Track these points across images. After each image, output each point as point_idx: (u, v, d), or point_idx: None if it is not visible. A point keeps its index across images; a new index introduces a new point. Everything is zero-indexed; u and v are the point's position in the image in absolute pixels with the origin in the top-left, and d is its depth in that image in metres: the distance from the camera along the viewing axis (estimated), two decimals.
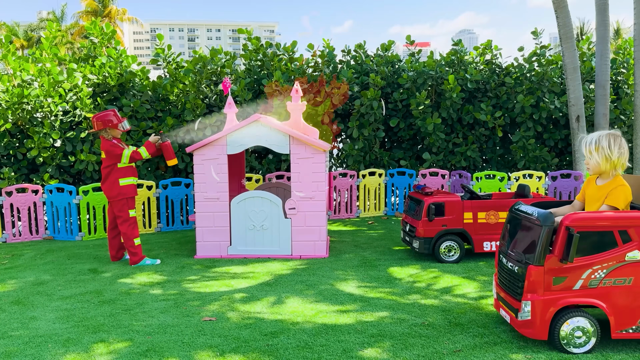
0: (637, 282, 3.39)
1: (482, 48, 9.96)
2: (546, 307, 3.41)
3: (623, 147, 3.53)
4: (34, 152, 7.83)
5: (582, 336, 3.42)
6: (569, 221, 3.36)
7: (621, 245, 3.39)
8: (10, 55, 8.20)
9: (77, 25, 39.76)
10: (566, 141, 9.67)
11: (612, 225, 3.39)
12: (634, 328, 3.42)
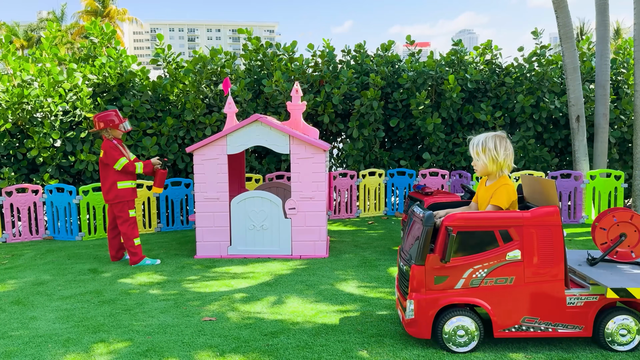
0: (518, 281, 3.43)
1: (482, 48, 9.97)
2: (428, 306, 3.44)
3: (509, 148, 3.58)
4: (34, 152, 7.83)
5: (465, 335, 3.45)
6: (449, 221, 3.41)
7: (502, 245, 3.42)
8: (10, 55, 8.20)
9: (77, 25, 39.77)
10: (566, 141, 9.67)
11: (493, 225, 3.43)
12: (517, 327, 3.46)
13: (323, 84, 9.44)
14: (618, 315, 3.43)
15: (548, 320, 3.44)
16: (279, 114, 9.03)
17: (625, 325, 3.42)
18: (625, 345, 3.44)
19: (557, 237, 3.43)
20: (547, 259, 3.42)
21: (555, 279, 3.43)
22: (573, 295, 3.44)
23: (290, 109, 6.61)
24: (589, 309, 3.44)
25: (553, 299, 3.43)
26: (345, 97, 9.50)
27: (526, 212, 3.45)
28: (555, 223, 3.43)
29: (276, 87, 8.86)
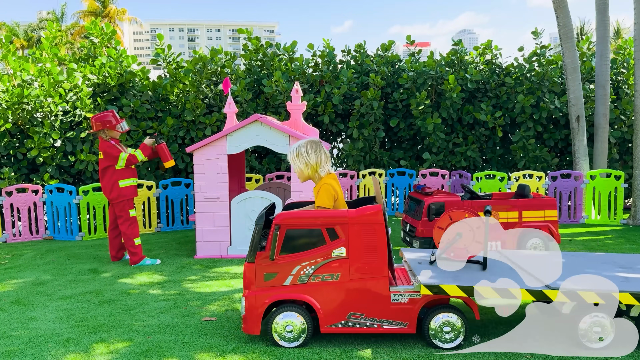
0: (343, 278, 3.51)
1: (482, 48, 9.97)
2: (257, 302, 3.52)
3: (320, 152, 3.64)
4: (34, 152, 7.83)
5: (293, 331, 3.53)
6: (278, 220, 3.49)
7: (329, 243, 3.50)
8: (10, 55, 8.20)
9: (77, 25, 39.77)
10: (566, 141, 9.67)
11: (320, 224, 3.51)
12: (343, 323, 3.54)
13: (323, 84, 9.44)
14: (442, 312, 3.51)
15: (373, 316, 3.53)
16: (279, 114, 9.03)
17: (449, 323, 3.49)
18: (449, 342, 3.51)
19: (381, 235, 3.52)
20: (371, 256, 3.52)
21: (380, 276, 3.53)
22: (397, 292, 3.54)
23: (290, 109, 6.61)
24: (414, 305, 3.54)
25: (378, 296, 3.53)
26: (345, 97, 9.50)
27: (351, 210, 3.54)
28: (378, 221, 3.52)
29: (276, 87, 8.86)
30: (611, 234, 7.48)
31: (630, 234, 7.41)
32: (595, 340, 3.44)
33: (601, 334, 3.44)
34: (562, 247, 6.53)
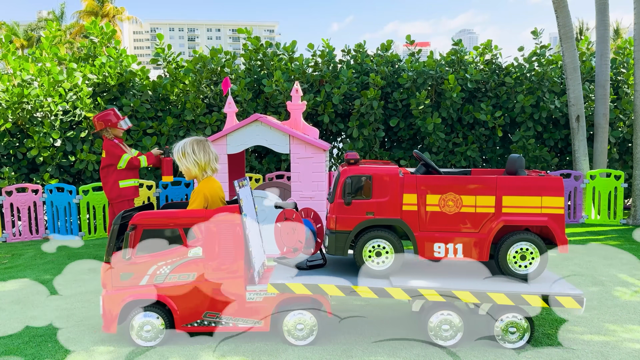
0: (200, 277, 3.55)
1: (482, 48, 9.96)
2: (113, 302, 3.55)
3: (208, 151, 3.71)
4: (34, 151, 7.83)
5: (151, 330, 3.56)
6: (134, 220, 3.52)
7: (186, 243, 3.54)
8: (10, 54, 8.20)
9: (77, 25, 39.76)
10: (566, 141, 9.67)
11: (178, 224, 3.55)
12: (199, 322, 3.59)
13: (323, 84, 9.44)
14: (294, 310, 3.57)
15: (229, 315, 3.58)
16: (279, 113, 9.03)
17: (302, 321, 3.56)
18: (302, 339, 3.57)
19: (237, 235, 3.55)
20: (227, 256, 3.55)
21: (235, 276, 3.56)
22: (253, 291, 3.59)
23: (290, 108, 6.61)
24: (268, 304, 3.59)
25: (233, 295, 3.56)
26: (345, 96, 9.49)
27: (208, 210, 3.57)
28: (235, 221, 3.55)
29: (276, 87, 8.86)
30: (611, 233, 7.48)
31: (630, 234, 7.42)
32: (445, 337, 3.52)
33: (450, 331, 3.51)
34: None
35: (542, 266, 3.55)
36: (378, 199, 3.63)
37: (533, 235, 3.55)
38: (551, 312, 4.17)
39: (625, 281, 5.07)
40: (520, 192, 3.57)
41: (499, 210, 3.57)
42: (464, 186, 3.60)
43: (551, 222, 3.54)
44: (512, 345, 3.49)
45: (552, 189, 3.57)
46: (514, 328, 3.49)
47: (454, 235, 3.61)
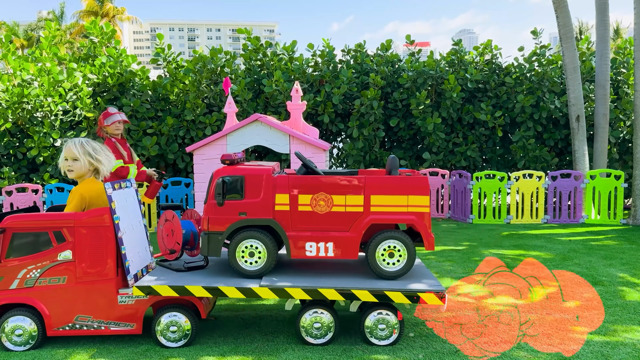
0: (70, 281, 3.54)
1: (482, 48, 9.96)
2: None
3: (109, 157, 3.76)
4: (34, 151, 7.83)
5: (22, 335, 3.55)
6: (4, 223, 3.51)
7: (56, 246, 3.52)
8: (10, 54, 8.20)
9: (77, 25, 39.76)
10: (566, 141, 9.67)
11: (47, 227, 3.53)
12: (70, 325, 3.58)
13: (323, 84, 9.44)
14: (167, 312, 3.57)
15: (100, 318, 3.57)
16: (279, 113, 9.03)
17: (176, 322, 3.56)
18: (174, 342, 3.57)
19: (108, 238, 3.55)
20: (98, 259, 3.54)
21: (106, 279, 3.56)
22: (125, 294, 3.58)
23: (290, 108, 6.60)
24: (140, 307, 3.58)
25: (104, 298, 3.56)
26: (345, 96, 9.49)
27: (78, 213, 3.55)
28: (104, 224, 3.54)
29: (276, 87, 8.86)
30: (611, 233, 7.48)
31: (630, 234, 7.42)
32: (316, 335, 3.56)
33: (321, 330, 3.55)
34: (562, 246, 6.54)
35: (409, 263, 3.60)
36: (250, 199, 3.64)
37: (400, 233, 3.61)
38: (551, 312, 4.18)
39: (626, 281, 5.07)
40: (387, 192, 3.64)
41: (368, 209, 3.63)
42: (335, 186, 3.65)
43: (417, 220, 3.60)
44: (381, 342, 3.55)
45: (418, 188, 3.64)
46: (384, 325, 3.55)
47: (325, 234, 3.64)
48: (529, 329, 3.84)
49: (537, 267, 5.61)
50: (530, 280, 5.10)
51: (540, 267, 5.59)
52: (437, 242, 6.93)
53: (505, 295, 4.65)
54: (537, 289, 4.85)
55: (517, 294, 4.68)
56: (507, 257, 6.08)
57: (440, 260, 5.94)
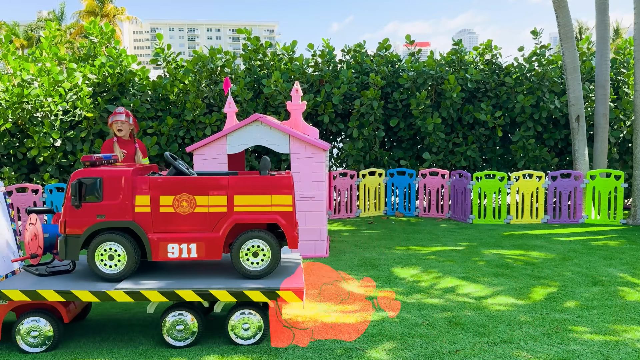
0: None
1: (482, 48, 9.97)
2: None
3: None
4: (34, 151, 7.83)
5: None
6: None
7: None
8: (10, 54, 8.20)
9: (77, 25, 39.76)
10: (566, 141, 9.67)
11: None
12: None
13: (323, 84, 9.44)
14: (29, 317, 3.52)
15: None
16: (278, 113, 9.03)
17: (36, 327, 3.51)
18: (36, 347, 3.52)
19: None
20: None
21: None
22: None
23: (290, 108, 6.61)
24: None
25: None
26: (345, 96, 9.50)
27: None
28: None
29: (276, 87, 8.86)
30: (611, 233, 7.48)
31: (630, 234, 7.42)
32: (179, 338, 3.54)
33: (184, 332, 3.54)
34: (562, 246, 6.54)
35: (273, 262, 3.63)
36: (109, 201, 3.58)
37: (265, 233, 3.62)
38: (550, 312, 4.18)
39: (626, 281, 5.07)
40: (251, 191, 3.65)
41: (231, 210, 3.64)
42: (198, 186, 3.64)
43: (281, 219, 3.63)
44: (246, 342, 3.57)
45: (281, 187, 3.66)
46: (247, 324, 3.57)
47: (188, 235, 3.62)
48: (530, 329, 3.84)
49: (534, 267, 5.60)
50: (531, 280, 5.10)
51: (539, 267, 5.59)
52: (437, 242, 6.94)
53: (505, 296, 4.65)
54: (537, 288, 4.85)
55: (517, 294, 4.68)
56: (507, 257, 6.08)
57: (441, 260, 5.94)
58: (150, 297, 3.47)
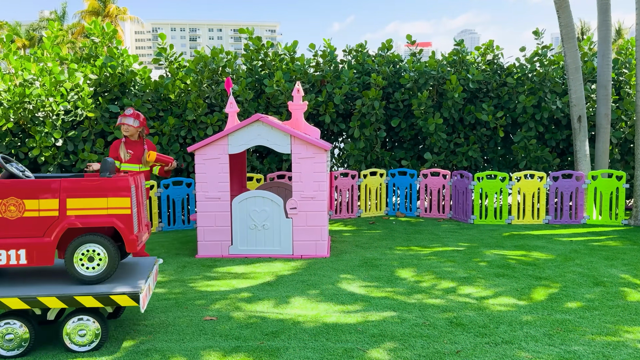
0: None
1: (484, 48, 9.96)
2: None
3: None
4: (35, 151, 7.84)
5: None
6: None
7: None
8: (12, 54, 8.21)
9: (79, 25, 39.82)
10: (568, 141, 9.66)
11: None
12: None
13: (324, 84, 9.44)
14: None
15: None
16: (280, 113, 9.03)
17: None
18: None
19: None
20: None
21: None
22: None
23: (292, 108, 6.61)
24: None
25: None
26: (346, 97, 9.50)
27: None
28: None
29: (277, 87, 8.86)
30: (613, 234, 7.47)
31: (631, 234, 7.41)
32: (8, 348, 3.43)
33: (14, 342, 3.41)
34: (564, 247, 6.54)
35: (111, 266, 3.58)
36: None
37: (101, 237, 3.55)
38: (552, 312, 4.18)
39: (627, 282, 5.06)
40: (84, 194, 3.56)
41: (64, 213, 3.54)
42: (26, 190, 3.52)
43: (118, 222, 3.56)
44: (81, 348, 3.50)
45: (118, 189, 3.58)
46: (84, 331, 3.50)
47: (17, 240, 3.51)
48: (531, 330, 3.84)
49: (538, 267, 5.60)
50: (532, 281, 5.10)
51: (541, 268, 5.59)
52: (438, 242, 6.93)
53: (506, 296, 4.65)
54: (539, 289, 4.85)
55: (519, 294, 4.67)
56: (509, 257, 6.08)
57: (442, 261, 5.94)
58: None
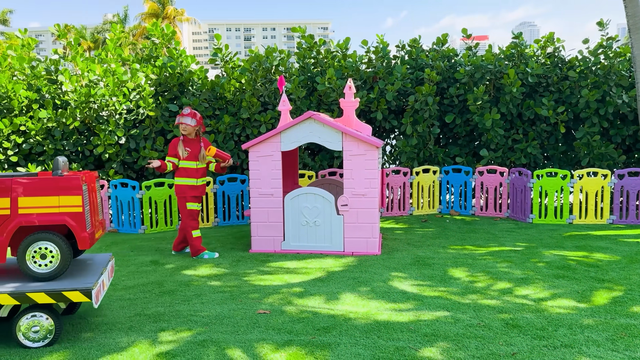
0: None
1: (544, 41, 9.58)
2: None
3: None
4: (100, 148, 8.24)
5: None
6: None
7: None
8: (78, 56, 8.65)
9: (140, 27, 41.41)
10: (634, 137, 9.15)
11: None
12: None
13: (376, 80, 9.38)
14: None
15: None
16: (332, 111, 9.06)
17: None
18: None
19: None
20: None
21: None
22: None
23: (343, 105, 6.62)
24: None
25: None
26: (399, 93, 9.40)
27: None
28: None
29: (329, 84, 8.89)
30: None
31: None
32: None
33: None
34: (630, 248, 6.21)
35: (63, 263, 3.64)
36: None
37: (53, 235, 3.62)
38: (615, 316, 3.98)
39: None
40: (36, 193, 3.64)
41: (15, 212, 3.61)
42: None
43: (70, 220, 3.65)
44: (35, 344, 3.48)
45: (69, 188, 3.67)
46: (37, 327, 3.48)
47: None
48: (592, 334, 3.68)
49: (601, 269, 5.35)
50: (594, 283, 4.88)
51: (604, 270, 5.33)
52: (494, 242, 6.75)
53: (566, 298, 4.47)
54: (601, 292, 4.63)
55: (579, 297, 4.49)
56: (569, 258, 5.84)
57: (498, 261, 5.78)
58: None
